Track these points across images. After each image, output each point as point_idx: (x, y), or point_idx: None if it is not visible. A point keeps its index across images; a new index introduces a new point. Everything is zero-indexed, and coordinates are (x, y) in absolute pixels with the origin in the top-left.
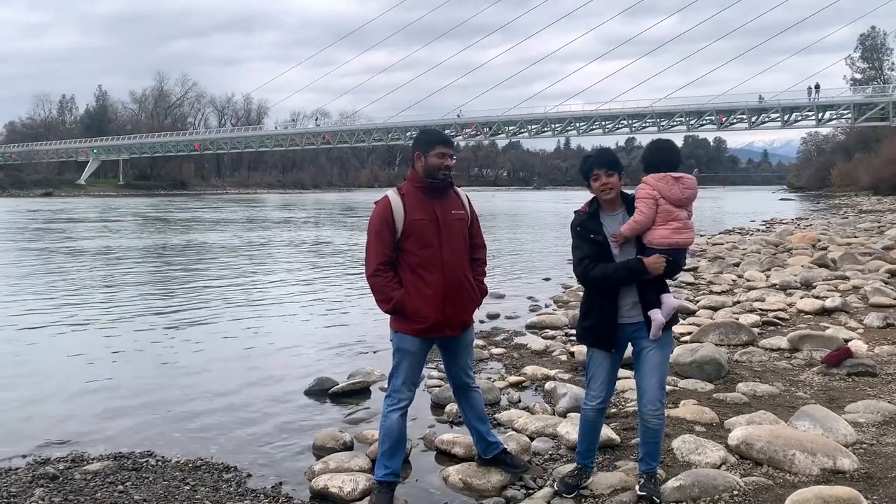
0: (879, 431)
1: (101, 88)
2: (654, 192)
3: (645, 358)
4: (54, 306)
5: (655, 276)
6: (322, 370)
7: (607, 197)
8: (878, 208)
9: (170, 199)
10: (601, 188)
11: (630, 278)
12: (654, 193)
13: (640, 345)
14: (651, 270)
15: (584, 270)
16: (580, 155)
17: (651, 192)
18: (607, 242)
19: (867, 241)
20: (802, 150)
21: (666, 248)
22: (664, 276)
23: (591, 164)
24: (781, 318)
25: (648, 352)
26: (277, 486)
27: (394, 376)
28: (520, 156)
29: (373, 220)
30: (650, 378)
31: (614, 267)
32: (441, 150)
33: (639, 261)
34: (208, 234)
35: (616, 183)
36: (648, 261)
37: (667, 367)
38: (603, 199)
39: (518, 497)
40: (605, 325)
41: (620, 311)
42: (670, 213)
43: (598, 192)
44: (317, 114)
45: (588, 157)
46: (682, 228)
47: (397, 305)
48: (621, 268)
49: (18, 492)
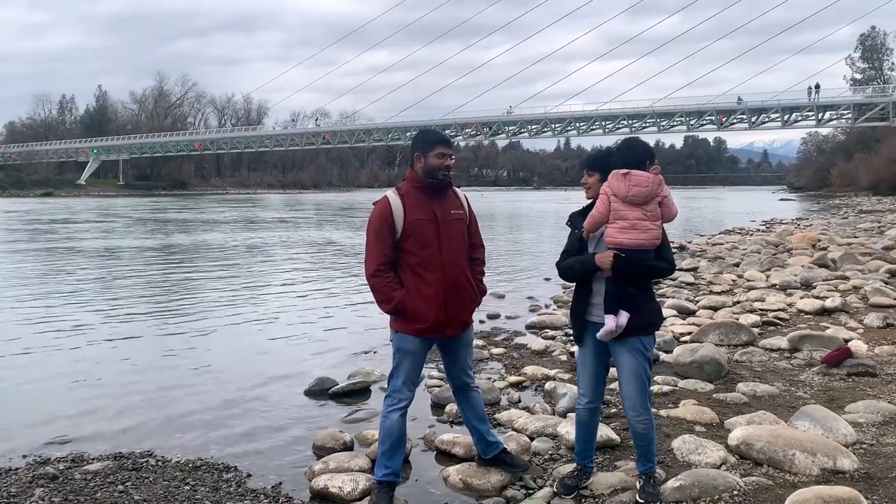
0: (879, 431)
1: (100, 88)
2: (608, 188)
3: (620, 364)
4: (53, 306)
5: (607, 274)
6: (322, 370)
7: (587, 196)
8: (878, 208)
9: (170, 200)
10: (583, 186)
11: (584, 271)
12: (608, 190)
13: (612, 349)
14: (599, 265)
15: (559, 261)
16: (580, 155)
17: (605, 189)
18: (584, 238)
19: (867, 241)
20: (802, 151)
21: (616, 247)
22: (620, 276)
23: (581, 165)
24: (781, 318)
25: (621, 357)
26: (277, 486)
27: (394, 376)
28: (520, 156)
29: (372, 220)
30: (627, 385)
31: (573, 260)
32: (441, 150)
33: (591, 256)
34: (208, 235)
35: (593, 183)
36: (598, 257)
37: (644, 371)
38: (589, 196)
39: (518, 497)
40: (575, 322)
41: (591, 308)
42: (617, 211)
43: (585, 191)
44: (317, 114)
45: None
46: (628, 228)
47: (398, 306)
48: (576, 261)
49: (18, 492)
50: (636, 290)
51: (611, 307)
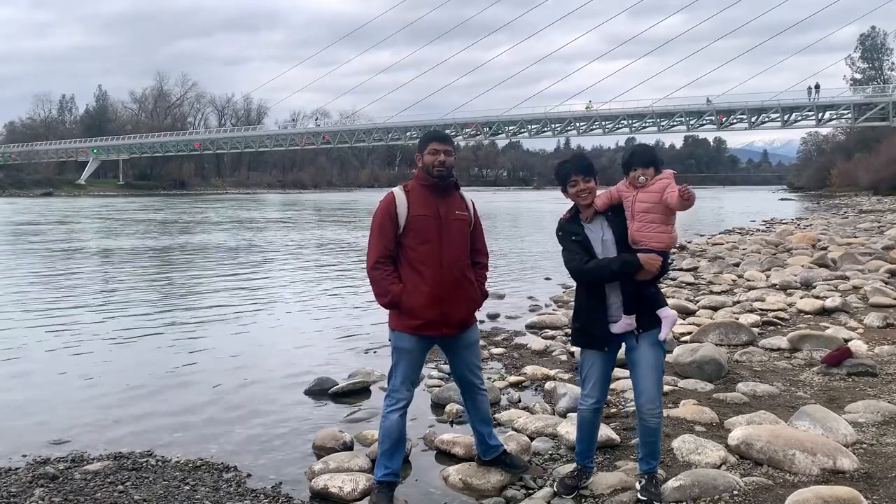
0: (879, 431)
1: (101, 88)
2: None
3: (640, 357)
4: (53, 306)
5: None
6: (322, 370)
7: (585, 202)
8: (878, 208)
9: (169, 199)
10: (578, 194)
11: (623, 272)
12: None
13: (632, 345)
14: (646, 266)
15: (577, 265)
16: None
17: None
18: (589, 242)
19: (867, 241)
20: (802, 151)
21: (648, 249)
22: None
23: (568, 170)
24: (781, 318)
25: (639, 352)
26: (277, 486)
27: (392, 375)
28: (520, 156)
29: (376, 214)
30: (647, 377)
31: (609, 260)
32: (433, 146)
33: (634, 256)
34: (208, 235)
35: (593, 188)
36: (644, 257)
37: (662, 365)
38: (581, 203)
39: (518, 497)
40: (595, 325)
41: (609, 310)
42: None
43: (574, 197)
44: (317, 114)
45: (564, 163)
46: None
47: (394, 299)
48: (612, 261)
49: (18, 492)
50: (654, 288)
51: (630, 308)
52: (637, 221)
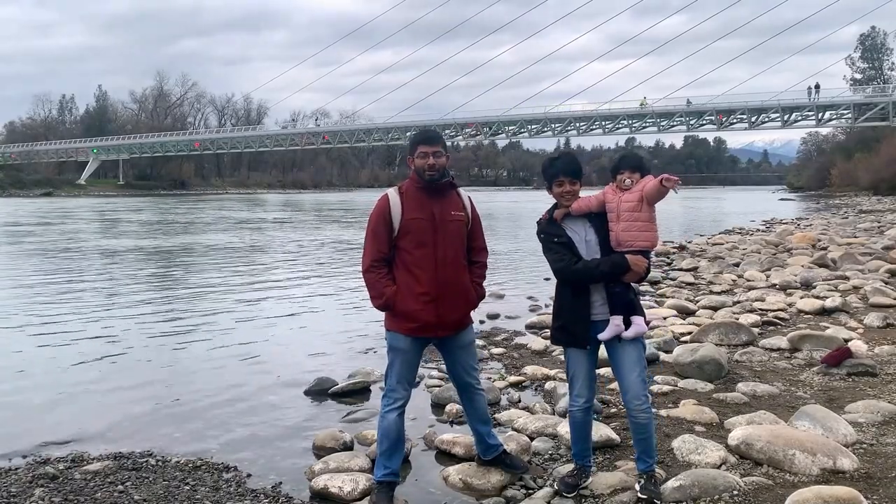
0: (879, 431)
1: (100, 88)
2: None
3: (622, 355)
4: (53, 307)
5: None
6: (322, 370)
7: (567, 203)
8: (878, 208)
9: (169, 199)
10: (562, 195)
11: (612, 273)
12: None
13: (613, 342)
14: (633, 268)
15: (566, 266)
16: (580, 155)
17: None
18: (572, 243)
19: (867, 241)
20: (802, 150)
21: (631, 250)
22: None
23: (557, 169)
24: (781, 318)
25: (622, 349)
26: (277, 486)
27: (388, 376)
28: (520, 156)
29: (371, 217)
30: (631, 374)
31: (598, 261)
32: (422, 149)
33: (622, 257)
34: (207, 235)
35: (577, 192)
36: (633, 259)
37: (644, 361)
38: (563, 204)
39: (518, 497)
40: (578, 323)
41: (592, 308)
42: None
43: (559, 197)
44: (317, 114)
45: (555, 160)
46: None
47: (388, 302)
48: (602, 262)
49: (18, 492)
50: (634, 291)
51: (617, 308)
52: (623, 222)
